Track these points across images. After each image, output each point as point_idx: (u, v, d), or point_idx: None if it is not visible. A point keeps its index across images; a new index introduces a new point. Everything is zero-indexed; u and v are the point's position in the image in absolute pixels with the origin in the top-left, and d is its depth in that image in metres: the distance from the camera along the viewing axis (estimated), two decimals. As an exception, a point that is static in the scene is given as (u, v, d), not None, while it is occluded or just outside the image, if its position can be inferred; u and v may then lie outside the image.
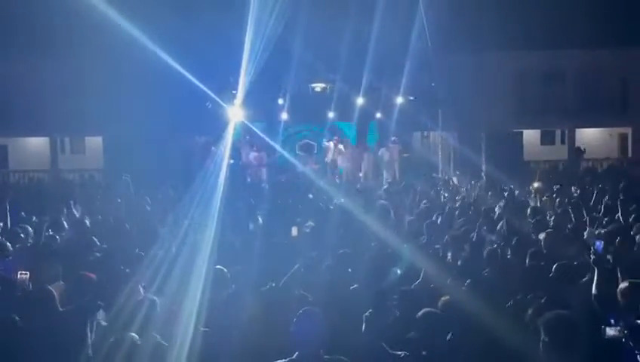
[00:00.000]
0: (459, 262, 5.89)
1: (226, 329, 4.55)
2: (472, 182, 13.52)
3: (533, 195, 10.59)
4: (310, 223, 8.24)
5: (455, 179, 15.68)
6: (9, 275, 5.31)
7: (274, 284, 5.10)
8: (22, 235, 7.18)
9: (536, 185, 10.53)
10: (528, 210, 9.09)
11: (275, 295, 5.06)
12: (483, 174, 15.61)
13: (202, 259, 5.80)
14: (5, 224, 8.01)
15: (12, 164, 21.59)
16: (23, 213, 8.83)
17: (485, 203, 10.27)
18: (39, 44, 17.68)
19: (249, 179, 18.93)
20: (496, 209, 9.45)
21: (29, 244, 7.06)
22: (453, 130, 19.99)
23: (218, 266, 5.28)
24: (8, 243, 6.48)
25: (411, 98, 20.41)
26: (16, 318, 4.30)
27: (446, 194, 12.62)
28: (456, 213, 9.19)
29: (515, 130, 21.23)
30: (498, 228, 7.68)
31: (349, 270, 5.68)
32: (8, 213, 8.23)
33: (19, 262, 5.81)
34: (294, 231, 7.02)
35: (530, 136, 22.41)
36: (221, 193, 9.87)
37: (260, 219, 9.04)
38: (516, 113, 20.29)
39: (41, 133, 20.72)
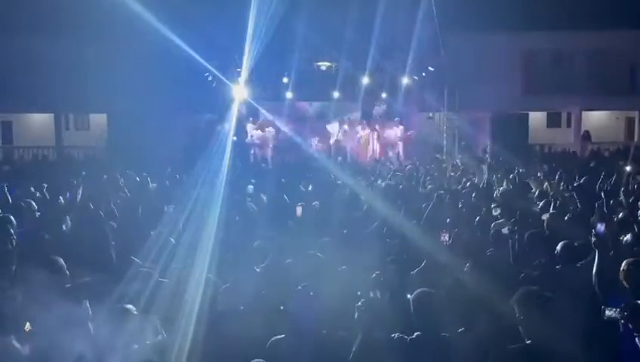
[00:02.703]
0: (463, 243, 5.89)
1: (231, 309, 4.57)
2: (478, 164, 13.47)
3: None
4: (315, 203, 8.25)
5: (460, 161, 15.62)
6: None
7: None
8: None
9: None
10: (534, 193, 9.09)
11: (273, 274, 5.08)
12: (488, 156, 15.54)
13: (207, 237, 5.83)
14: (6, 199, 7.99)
15: (16, 140, 21.63)
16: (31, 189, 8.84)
17: (491, 185, 10.25)
18: (45, 20, 17.56)
19: (252, 158, 18.93)
20: (501, 190, 9.44)
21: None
22: (459, 110, 19.87)
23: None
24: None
25: (415, 78, 20.26)
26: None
27: (451, 175, 12.60)
28: (462, 194, 9.18)
29: (521, 112, 21.09)
30: (503, 209, 7.67)
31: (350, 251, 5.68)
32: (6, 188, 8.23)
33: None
34: (299, 210, 7.03)
35: (537, 118, 22.25)
36: (225, 172, 9.87)
37: (265, 199, 9.05)
38: (523, 94, 20.13)
39: (46, 109, 20.71)
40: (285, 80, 20.85)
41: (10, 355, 3.46)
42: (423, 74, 20.22)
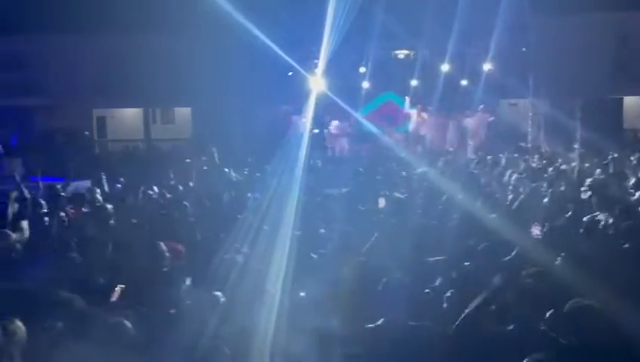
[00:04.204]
0: (553, 234, 5.61)
1: (309, 292, 4.63)
2: (567, 152, 12.77)
3: None
4: (397, 194, 8.15)
5: (547, 149, 14.88)
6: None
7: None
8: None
9: None
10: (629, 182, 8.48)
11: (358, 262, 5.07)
12: (578, 143, 14.66)
13: (287, 224, 5.93)
14: (102, 189, 8.56)
15: (110, 134, 23.01)
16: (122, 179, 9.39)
17: (582, 174, 9.69)
18: (134, 20, 18.49)
19: (329, 149, 19.01)
20: (594, 180, 8.89)
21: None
22: (545, 96, 18.90)
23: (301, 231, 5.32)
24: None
25: (497, 64, 19.41)
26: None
27: (537, 164, 12.03)
28: (551, 184, 8.73)
29: (614, 97, 19.78)
30: (596, 199, 7.22)
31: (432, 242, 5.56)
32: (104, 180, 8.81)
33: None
34: (381, 202, 6.97)
35: (632, 102, 20.77)
36: (303, 163, 9.99)
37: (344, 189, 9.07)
38: (617, 78, 18.85)
39: (136, 104, 21.87)
40: (362, 70, 20.71)
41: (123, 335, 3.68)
42: (506, 59, 19.37)
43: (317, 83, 17.41)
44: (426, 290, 3.99)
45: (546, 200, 7.43)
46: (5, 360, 3.39)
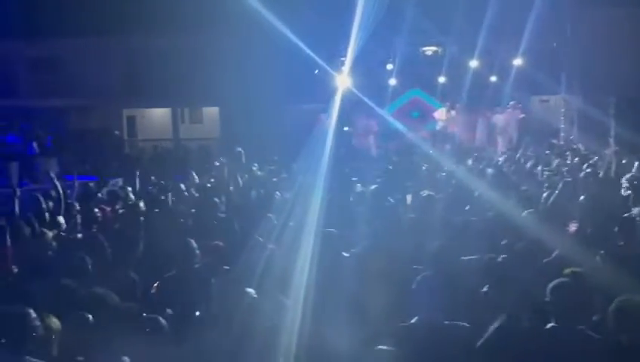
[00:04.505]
0: (590, 233, 5.46)
1: (339, 290, 4.61)
2: (602, 149, 12.46)
3: None
4: (426, 192, 8.07)
5: (580, 146, 14.54)
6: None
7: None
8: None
9: None
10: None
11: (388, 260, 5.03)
12: (612, 140, 14.29)
13: (312, 221, 5.92)
14: (134, 187, 8.75)
15: (140, 134, 23.38)
16: (152, 178, 9.54)
17: (618, 171, 9.43)
18: (164, 21, 18.72)
19: (356, 147, 18.94)
20: (630, 177, 8.64)
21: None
22: (578, 93, 18.46)
23: (330, 229, 5.31)
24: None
25: (528, 59, 19.01)
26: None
27: (571, 161, 11.78)
28: (586, 181, 8.53)
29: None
30: (634, 196, 7.02)
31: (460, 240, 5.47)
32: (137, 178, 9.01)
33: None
34: (409, 198, 6.91)
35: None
36: (328, 159, 9.98)
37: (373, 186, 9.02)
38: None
39: (164, 103, 22.17)
40: (389, 67, 20.58)
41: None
42: (537, 55, 18.99)
43: (343, 81, 17.35)
44: (461, 290, 3.92)
45: (581, 197, 7.25)
46: (43, 352, 3.47)
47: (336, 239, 5.22)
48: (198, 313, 4.30)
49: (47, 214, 6.58)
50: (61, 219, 6.18)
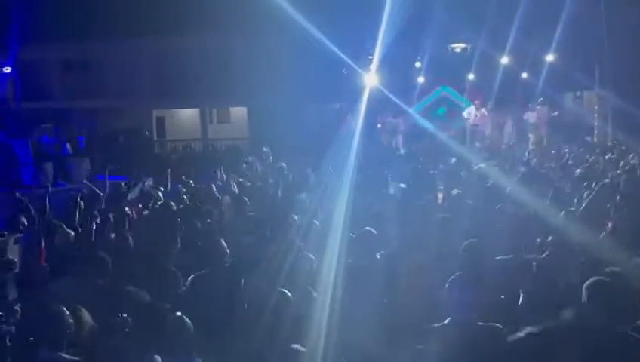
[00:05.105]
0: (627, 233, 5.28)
1: (369, 291, 4.56)
2: (638, 145, 12.07)
3: None
4: (456, 191, 7.94)
5: (616, 143, 14.12)
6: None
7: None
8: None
9: None
10: None
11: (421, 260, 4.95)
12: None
13: (338, 222, 5.87)
14: (166, 187, 8.88)
15: (169, 134, 23.68)
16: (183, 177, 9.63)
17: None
18: (193, 22, 18.92)
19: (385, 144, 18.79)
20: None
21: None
22: (612, 88, 17.93)
23: (368, 228, 5.24)
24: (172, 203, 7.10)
25: (560, 54, 18.55)
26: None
27: (606, 158, 11.44)
28: (622, 179, 8.26)
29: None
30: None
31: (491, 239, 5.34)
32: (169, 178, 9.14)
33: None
34: (440, 196, 6.80)
35: None
36: (355, 159, 9.92)
37: (402, 185, 8.94)
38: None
39: (193, 104, 22.40)
40: (418, 64, 20.40)
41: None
42: (570, 50, 18.53)
43: (371, 79, 17.24)
44: (494, 290, 3.82)
45: (617, 197, 7.02)
46: (75, 345, 3.53)
47: (372, 238, 5.15)
48: (228, 311, 4.31)
49: (77, 214, 6.68)
50: (94, 218, 6.27)
